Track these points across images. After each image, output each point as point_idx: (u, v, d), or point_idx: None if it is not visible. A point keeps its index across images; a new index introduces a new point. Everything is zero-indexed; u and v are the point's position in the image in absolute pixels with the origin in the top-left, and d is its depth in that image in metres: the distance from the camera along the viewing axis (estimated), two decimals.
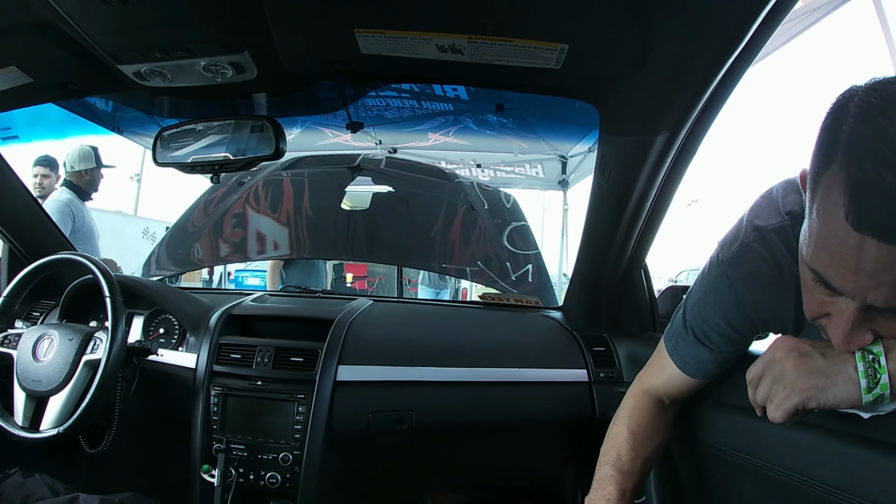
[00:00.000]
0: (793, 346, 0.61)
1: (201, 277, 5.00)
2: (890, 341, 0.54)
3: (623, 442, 0.83)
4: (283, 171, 1.97)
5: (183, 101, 1.06)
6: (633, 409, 0.86)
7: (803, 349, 0.60)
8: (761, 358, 0.64)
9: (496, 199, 1.87)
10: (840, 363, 0.56)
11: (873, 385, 0.54)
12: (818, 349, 0.59)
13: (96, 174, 2.76)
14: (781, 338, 0.63)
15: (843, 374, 0.56)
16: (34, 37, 0.81)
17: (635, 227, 1.07)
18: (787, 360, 0.60)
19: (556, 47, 0.72)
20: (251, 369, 1.10)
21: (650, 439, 0.84)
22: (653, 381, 0.88)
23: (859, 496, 0.61)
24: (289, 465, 1.06)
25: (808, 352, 0.59)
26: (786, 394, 0.59)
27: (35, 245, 1.35)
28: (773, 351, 0.62)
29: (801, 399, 0.57)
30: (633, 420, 0.85)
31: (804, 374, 0.58)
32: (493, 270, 1.72)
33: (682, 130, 0.83)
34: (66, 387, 0.99)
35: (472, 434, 1.22)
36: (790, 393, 0.58)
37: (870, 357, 0.54)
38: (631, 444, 0.83)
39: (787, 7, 0.61)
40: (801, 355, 0.59)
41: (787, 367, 0.59)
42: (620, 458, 0.82)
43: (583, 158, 3.43)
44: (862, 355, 0.55)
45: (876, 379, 0.54)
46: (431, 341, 1.21)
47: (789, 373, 0.59)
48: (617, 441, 0.84)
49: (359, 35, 0.74)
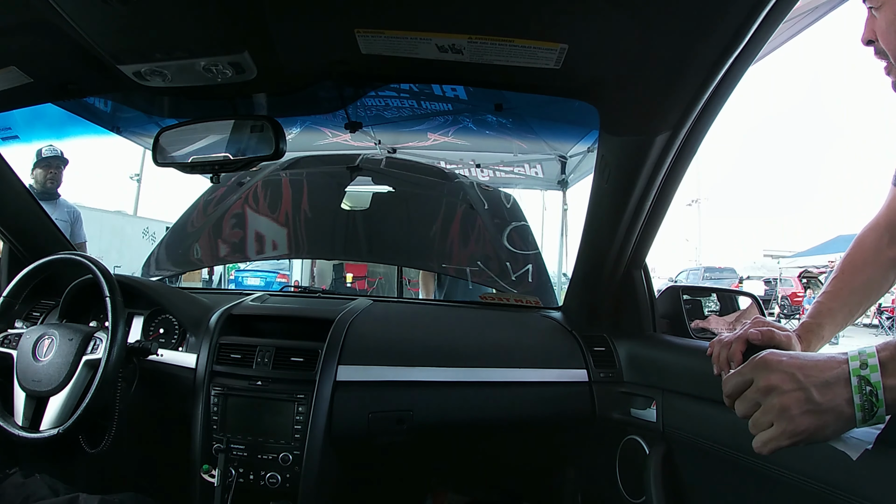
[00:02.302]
0: (784, 376, 0.56)
1: (201, 277, 5.00)
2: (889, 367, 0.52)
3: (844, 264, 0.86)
4: (283, 171, 1.97)
5: (183, 101, 1.06)
6: (853, 245, 0.87)
7: (796, 382, 0.55)
8: (741, 373, 0.60)
9: (496, 199, 1.87)
10: (834, 399, 0.53)
11: (869, 417, 0.53)
12: (812, 378, 0.55)
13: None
14: (767, 358, 0.59)
15: (836, 412, 0.53)
16: (34, 37, 0.81)
17: (635, 227, 1.07)
18: (777, 394, 0.55)
19: (556, 47, 0.72)
20: (251, 369, 1.10)
21: (860, 273, 0.85)
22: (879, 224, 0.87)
23: (859, 496, 0.61)
24: (289, 465, 1.06)
25: (801, 386, 0.55)
26: (775, 434, 0.55)
27: (35, 245, 1.35)
28: (759, 372, 0.58)
29: (792, 442, 0.55)
30: (848, 255, 0.87)
31: (797, 416, 0.54)
32: (492, 270, 1.72)
33: (682, 130, 0.83)
34: (66, 387, 0.99)
35: (472, 434, 1.22)
36: (781, 435, 0.55)
37: (867, 389, 0.52)
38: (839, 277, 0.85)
39: (787, 7, 0.61)
40: (793, 390, 0.55)
41: (777, 403, 0.55)
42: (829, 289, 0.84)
43: (582, 158, 3.43)
44: (859, 386, 0.53)
45: (872, 412, 0.52)
46: (431, 341, 1.21)
47: (780, 411, 0.55)
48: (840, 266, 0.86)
49: (359, 35, 0.74)
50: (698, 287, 1.72)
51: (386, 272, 6.37)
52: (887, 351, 0.53)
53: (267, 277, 8.08)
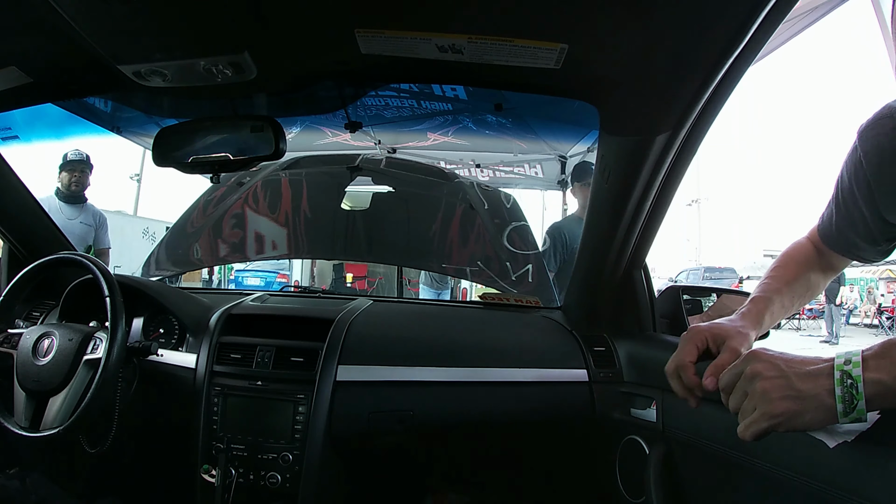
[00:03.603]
0: (768, 364, 0.60)
1: (201, 277, 5.00)
2: (870, 363, 0.54)
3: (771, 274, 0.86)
4: (283, 171, 1.97)
5: (183, 101, 1.07)
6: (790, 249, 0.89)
7: (779, 370, 0.58)
8: (735, 366, 0.63)
9: (496, 199, 1.87)
10: (815, 388, 0.56)
11: (850, 410, 0.54)
12: (794, 369, 0.58)
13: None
14: (757, 351, 0.63)
15: (817, 400, 0.55)
16: (34, 37, 0.81)
17: (635, 227, 1.07)
18: (757, 380, 0.59)
19: (556, 47, 0.72)
20: (251, 369, 1.10)
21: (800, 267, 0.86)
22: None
23: (859, 496, 0.61)
24: (289, 465, 1.06)
25: (783, 373, 0.58)
26: (756, 417, 0.58)
27: (35, 245, 1.35)
28: (747, 363, 0.62)
29: (770, 424, 0.57)
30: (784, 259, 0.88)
31: (776, 399, 0.57)
32: (492, 270, 1.72)
33: (682, 130, 0.83)
34: (67, 387, 0.99)
35: (472, 434, 1.22)
36: (760, 417, 0.58)
37: (848, 382, 0.54)
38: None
39: (786, 7, 0.61)
40: (775, 377, 0.58)
41: (758, 389, 0.59)
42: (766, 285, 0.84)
43: (582, 158, 3.43)
44: (840, 378, 0.55)
45: (853, 405, 0.54)
46: (431, 341, 1.21)
47: (760, 395, 0.58)
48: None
49: (359, 35, 0.74)
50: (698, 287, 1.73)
51: (386, 272, 6.38)
52: (871, 350, 0.56)
53: (267, 277, 8.09)
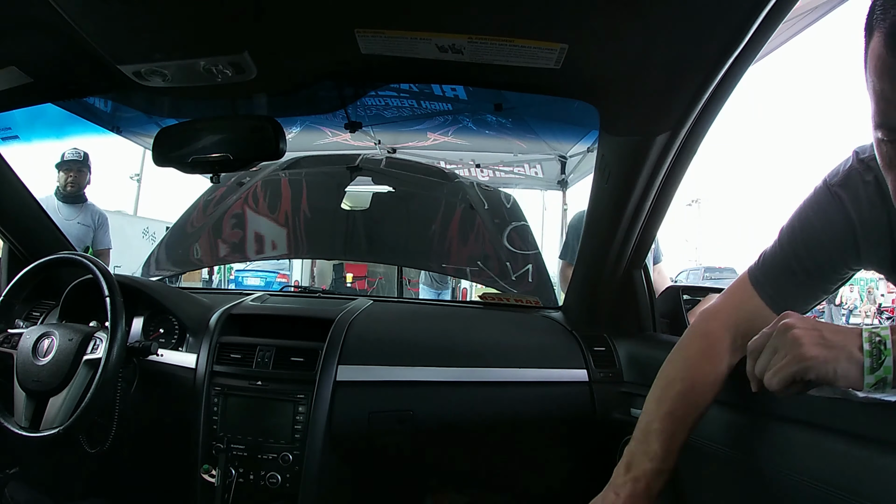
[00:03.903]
0: (800, 319, 0.60)
1: (201, 277, 5.00)
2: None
3: (677, 394, 0.75)
4: (283, 171, 1.97)
5: (183, 101, 1.06)
6: (694, 353, 0.79)
7: (811, 323, 0.59)
8: (765, 330, 0.63)
9: (496, 199, 1.87)
10: (846, 340, 0.56)
11: (877, 366, 0.54)
12: (826, 325, 0.59)
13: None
14: (788, 312, 0.62)
15: (847, 351, 0.55)
16: (34, 37, 0.81)
17: (635, 227, 1.07)
18: (791, 330, 0.59)
19: (556, 47, 0.72)
20: (251, 369, 1.10)
21: (709, 389, 0.75)
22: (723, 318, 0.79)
23: (859, 496, 0.60)
24: (289, 465, 1.06)
25: (815, 325, 0.58)
26: (785, 362, 0.58)
27: (35, 245, 1.35)
28: (777, 322, 0.61)
29: (800, 368, 0.57)
30: (690, 365, 0.78)
31: (807, 345, 0.57)
32: (492, 270, 1.72)
33: (682, 130, 0.83)
34: (67, 386, 0.99)
35: (473, 434, 1.22)
36: (790, 361, 0.57)
37: (877, 339, 0.54)
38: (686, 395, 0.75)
39: (787, 7, 0.61)
40: (808, 328, 0.58)
41: (789, 337, 0.58)
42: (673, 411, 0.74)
43: (582, 158, 3.43)
44: (869, 336, 0.55)
45: (880, 360, 0.54)
46: (431, 341, 1.21)
47: (791, 343, 0.58)
48: (670, 391, 0.76)
49: (359, 35, 0.74)
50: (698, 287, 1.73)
51: (386, 272, 6.38)
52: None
53: (267, 277, 8.10)
